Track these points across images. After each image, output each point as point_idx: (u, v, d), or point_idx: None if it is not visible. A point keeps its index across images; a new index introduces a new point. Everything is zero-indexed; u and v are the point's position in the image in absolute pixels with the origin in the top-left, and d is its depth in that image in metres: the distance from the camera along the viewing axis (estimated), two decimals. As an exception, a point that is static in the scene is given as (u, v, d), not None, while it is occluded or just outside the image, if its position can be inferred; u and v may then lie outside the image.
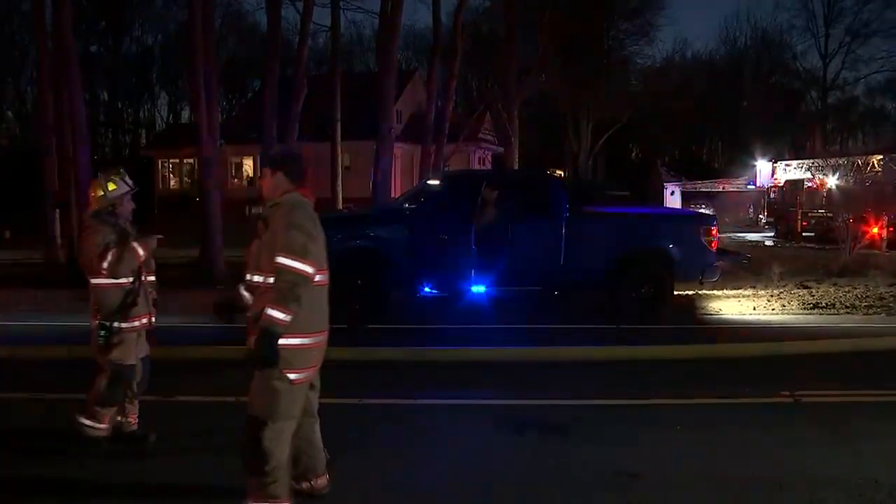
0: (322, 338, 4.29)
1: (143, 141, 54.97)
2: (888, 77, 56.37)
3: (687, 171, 48.16)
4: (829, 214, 24.19)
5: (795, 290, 13.19)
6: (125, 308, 5.44)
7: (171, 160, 43.78)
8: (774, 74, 58.90)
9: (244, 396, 5.87)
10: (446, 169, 25.39)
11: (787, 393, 7.13)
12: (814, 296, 12.61)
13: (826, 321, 10.68)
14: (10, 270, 16.04)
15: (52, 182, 16.31)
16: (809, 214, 27.56)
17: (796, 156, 39.05)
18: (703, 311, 11.58)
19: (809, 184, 30.18)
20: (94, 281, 5.43)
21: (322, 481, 4.59)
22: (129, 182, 5.68)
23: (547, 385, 7.60)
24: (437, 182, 11.79)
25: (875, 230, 20.64)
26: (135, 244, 5.49)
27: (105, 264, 5.34)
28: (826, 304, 11.91)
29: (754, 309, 11.60)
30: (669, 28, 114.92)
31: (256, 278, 4.22)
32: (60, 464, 5.35)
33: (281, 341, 4.03)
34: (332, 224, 11.29)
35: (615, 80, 45.10)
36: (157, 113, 59.98)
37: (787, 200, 31.44)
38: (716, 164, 59.09)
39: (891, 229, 21.63)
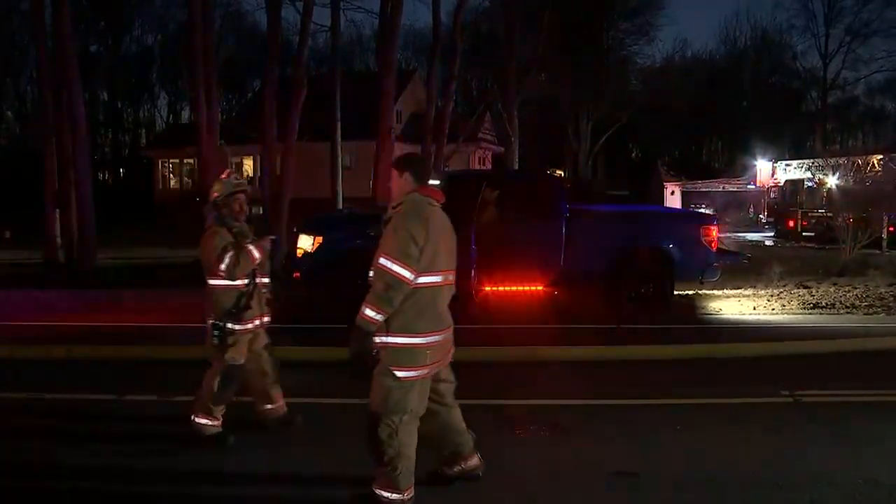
0: (436, 338, 4.39)
1: (143, 141, 55.00)
2: (888, 77, 56.35)
3: (687, 170, 48.14)
4: (829, 214, 24.17)
5: (795, 290, 13.18)
6: (239, 310, 5.54)
7: (171, 160, 43.74)
8: (774, 74, 58.91)
9: (245, 397, 5.88)
10: (446, 169, 25.40)
11: (787, 393, 7.13)
12: (814, 296, 12.60)
13: (826, 321, 10.68)
14: (10, 270, 16.03)
15: (52, 182, 16.30)
16: (809, 214, 27.54)
17: (796, 155, 39.02)
18: (703, 311, 11.57)
19: (810, 183, 30.16)
20: (211, 282, 5.55)
21: (473, 461, 4.80)
22: (236, 182, 5.74)
23: (546, 385, 7.60)
24: (436, 182, 11.78)
25: (876, 230, 20.58)
26: (250, 247, 5.58)
27: (223, 266, 5.45)
28: (826, 303, 11.90)
29: (754, 309, 11.60)
30: (669, 28, 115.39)
31: (371, 274, 4.35)
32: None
33: (388, 339, 4.26)
34: (332, 225, 11.35)
35: (615, 79, 45.06)
36: (156, 113, 60.09)
37: (787, 200, 31.44)
38: (716, 163, 59.10)
39: (891, 229, 21.58)
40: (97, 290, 12.72)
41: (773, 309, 11.58)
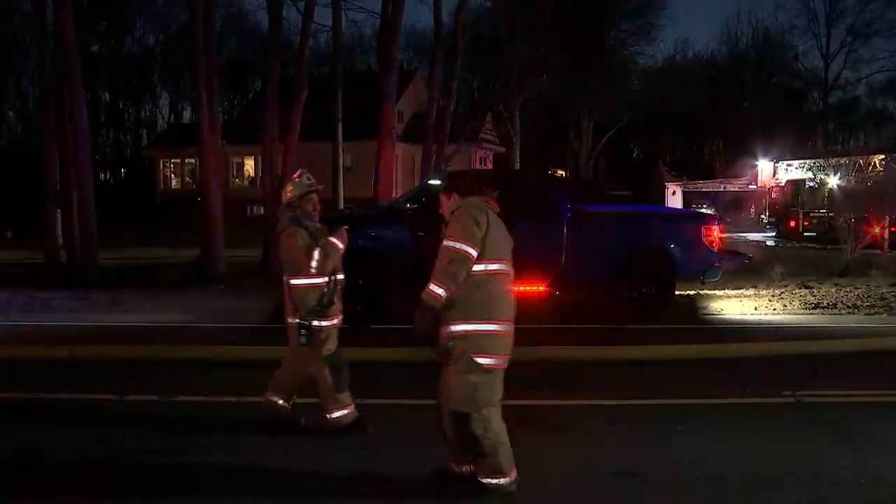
0: (510, 326, 4.58)
1: (145, 141, 55.05)
2: (889, 77, 56.46)
3: (688, 170, 48.17)
4: (830, 214, 24.17)
5: (797, 290, 13.17)
6: (323, 307, 5.65)
7: (172, 160, 43.81)
8: (776, 74, 58.91)
9: (246, 396, 5.87)
10: (447, 168, 25.39)
11: (789, 393, 7.12)
12: (815, 296, 12.60)
13: (828, 321, 10.67)
14: (12, 270, 16.05)
15: (54, 182, 16.29)
16: (811, 214, 27.57)
17: (798, 156, 39.01)
18: (704, 311, 11.57)
19: (811, 184, 30.17)
20: (293, 282, 5.64)
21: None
22: (308, 182, 5.85)
23: (547, 385, 7.59)
24: (438, 182, 11.76)
25: (877, 230, 20.59)
26: (333, 239, 5.71)
27: (314, 263, 5.58)
28: (828, 304, 11.89)
29: (756, 309, 11.59)
30: (671, 28, 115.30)
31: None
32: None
33: (469, 327, 4.42)
34: (336, 224, 11.33)
35: (616, 80, 45.05)
36: (158, 113, 60.13)
37: (788, 200, 31.46)
38: (717, 164, 59.05)
39: (892, 229, 21.58)
40: (99, 290, 12.73)
41: (775, 309, 11.58)
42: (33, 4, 17.57)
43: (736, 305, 11.90)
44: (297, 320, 5.60)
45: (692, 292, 12.61)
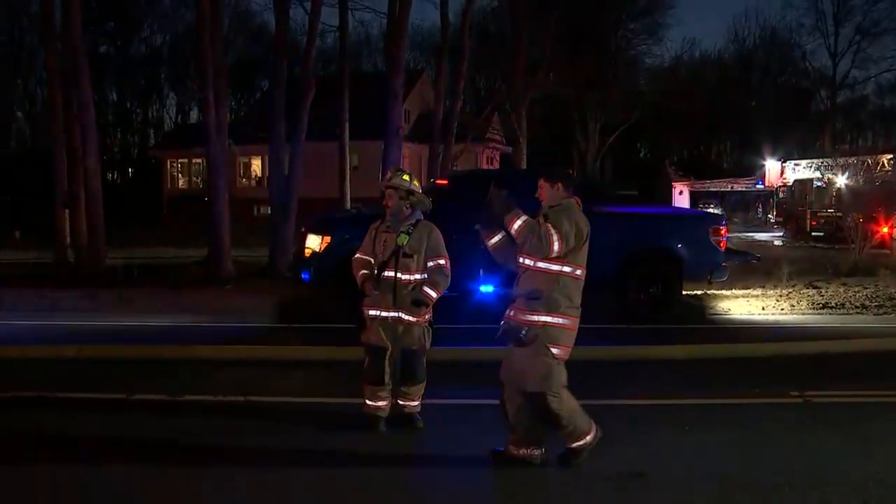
0: (578, 322, 5.09)
1: (152, 141, 55.13)
2: (898, 76, 56.08)
3: (696, 170, 47.97)
4: (838, 214, 24.08)
5: (805, 290, 13.13)
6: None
7: (179, 160, 43.88)
8: (783, 73, 58.72)
9: (254, 395, 5.88)
10: (454, 168, 25.39)
11: (797, 393, 7.10)
12: (823, 296, 12.55)
13: (835, 321, 10.64)
14: (21, 270, 16.10)
15: (62, 182, 16.34)
16: (819, 214, 27.45)
17: (805, 155, 38.86)
18: (711, 311, 11.54)
19: (819, 183, 30.04)
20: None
21: (538, 451, 5.15)
22: (387, 181, 6.04)
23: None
24: (444, 181, 11.77)
25: (885, 230, 20.52)
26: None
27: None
28: (835, 304, 11.85)
29: (763, 309, 11.56)
30: (678, 28, 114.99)
31: (527, 262, 5.04)
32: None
33: (549, 319, 4.94)
34: (342, 224, 11.34)
35: (623, 79, 44.96)
36: (165, 113, 60.22)
37: (796, 200, 31.32)
38: (725, 163, 58.90)
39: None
40: (107, 289, 12.77)
41: (783, 309, 11.55)
42: (41, 5, 17.62)
43: (743, 305, 11.87)
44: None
45: (699, 292, 12.58)
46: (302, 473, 5.13)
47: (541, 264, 4.97)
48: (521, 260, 5.09)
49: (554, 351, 4.96)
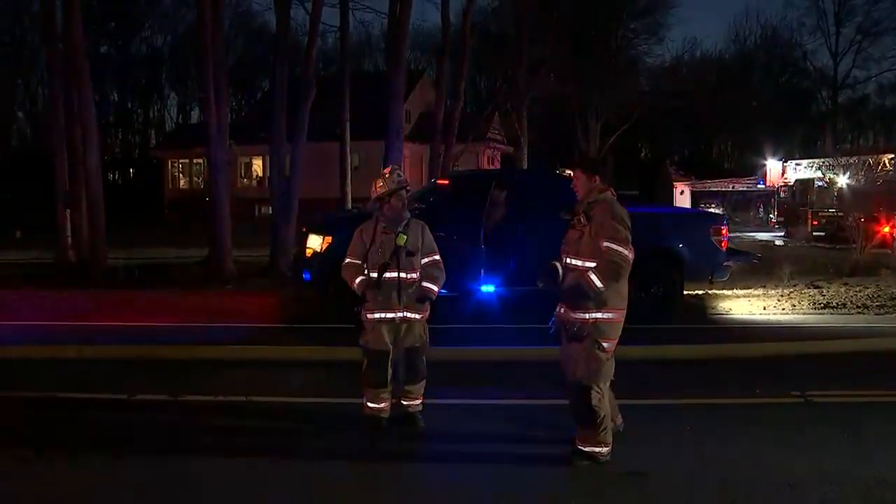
0: (624, 313, 5.19)
1: (153, 141, 55.21)
2: (899, 75, 56.06)
3: (697, 170, 47.98)
4: (839, 214, 24.06)
5: (806, 290, 13.11)
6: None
7: (180, 160, 43.93)
8: (784, 73, 58.69)
9: (255, 395, 5.89)
10: (455, 168, 25.38)
11: (798, 393, 7.09)
12: (824, 296, 12.54)
13: (837, 321, 10.62)
14: (22, 270, 16.11)
15: (63, 182, 16.35)
16: (820, 214, 27.42)
17: (806, 155, 38.85)
18: (713, 311, 11.53)
19: (820, 183, 30.02)
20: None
21: (618, 419, 5.49)
22: (399, 179, 6.00)
23: (554, 385, 7.55)
24: (446, 182, 11.77)
25: (886, 229, 20.50)
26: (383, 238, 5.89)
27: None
28: (837, 304, 11.84)
29: (764, 309, 11.55)
30: (679, 27, 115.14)
31: (575, 262, 5.12)
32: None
33: (600, 315, 5.05)
34: (343, 224, 11.33)
35: (624, 79, 44.90)
36: (166, 113, 60.38)
37: (797, 200, 31.31)
38: (726, 163, 58.86)
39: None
40: (108, 289, 12.77)
41: (784, 309, 11.53)
42: (42, 5, 17.64)
43: (745, 305, 11.86)
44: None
45: (701, 292, 12.57)
46: (302, 473, 5.13)
47: (589, 263, 5.03)
48: (567, 260, 5.18)
49: (605, 345, 5.09)
